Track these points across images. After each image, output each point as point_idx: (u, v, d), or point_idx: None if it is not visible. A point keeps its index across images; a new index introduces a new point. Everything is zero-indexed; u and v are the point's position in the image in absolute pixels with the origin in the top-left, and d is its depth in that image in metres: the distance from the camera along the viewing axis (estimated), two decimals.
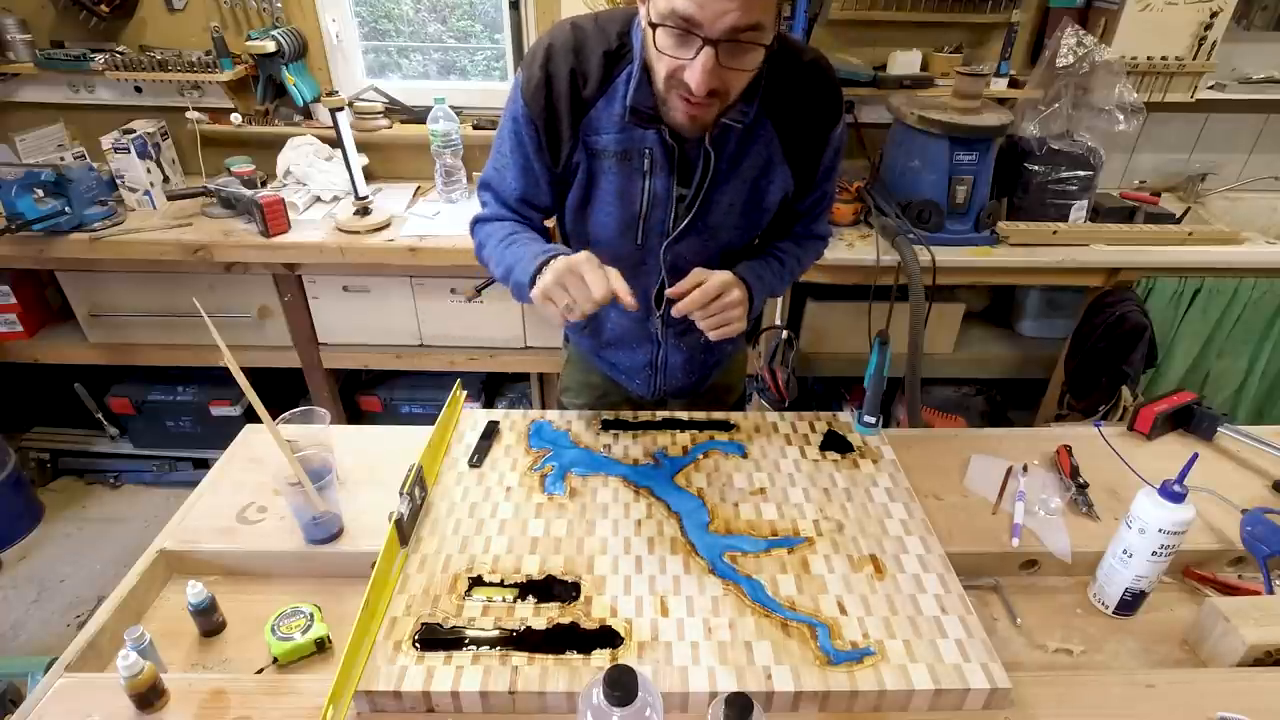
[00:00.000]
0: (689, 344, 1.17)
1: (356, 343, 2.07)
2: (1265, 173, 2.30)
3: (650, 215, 1.01)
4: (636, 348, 1.19)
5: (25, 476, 2.08)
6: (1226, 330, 1.95)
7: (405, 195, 2.12)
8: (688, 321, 0.95)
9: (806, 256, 1.15)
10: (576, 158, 0.98)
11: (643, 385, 1.23)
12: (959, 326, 2.15)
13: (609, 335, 1.20)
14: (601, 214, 1.02)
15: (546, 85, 0.94)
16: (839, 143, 1.03)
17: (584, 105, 0.95)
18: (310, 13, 2.06)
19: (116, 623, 0.84)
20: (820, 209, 1.12)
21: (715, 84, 0.81)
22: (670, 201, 0.99)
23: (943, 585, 0.83)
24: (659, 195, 0.99)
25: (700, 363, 1.22)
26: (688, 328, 1.10)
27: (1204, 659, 0.84)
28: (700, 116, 0.87)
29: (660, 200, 0.99)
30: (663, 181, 0.98)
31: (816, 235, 1.16)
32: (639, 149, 0.96)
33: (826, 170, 1.06)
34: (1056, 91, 1.91)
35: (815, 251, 1.17)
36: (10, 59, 2.02)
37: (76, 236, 1.83)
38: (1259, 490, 1.06)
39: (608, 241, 1.04)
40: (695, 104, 0.84)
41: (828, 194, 1.11)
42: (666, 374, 1.21)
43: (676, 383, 1.22)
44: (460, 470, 1.01)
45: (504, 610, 0.80)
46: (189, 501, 1.01)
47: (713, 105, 0.86)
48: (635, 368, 1.21)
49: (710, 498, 0.96)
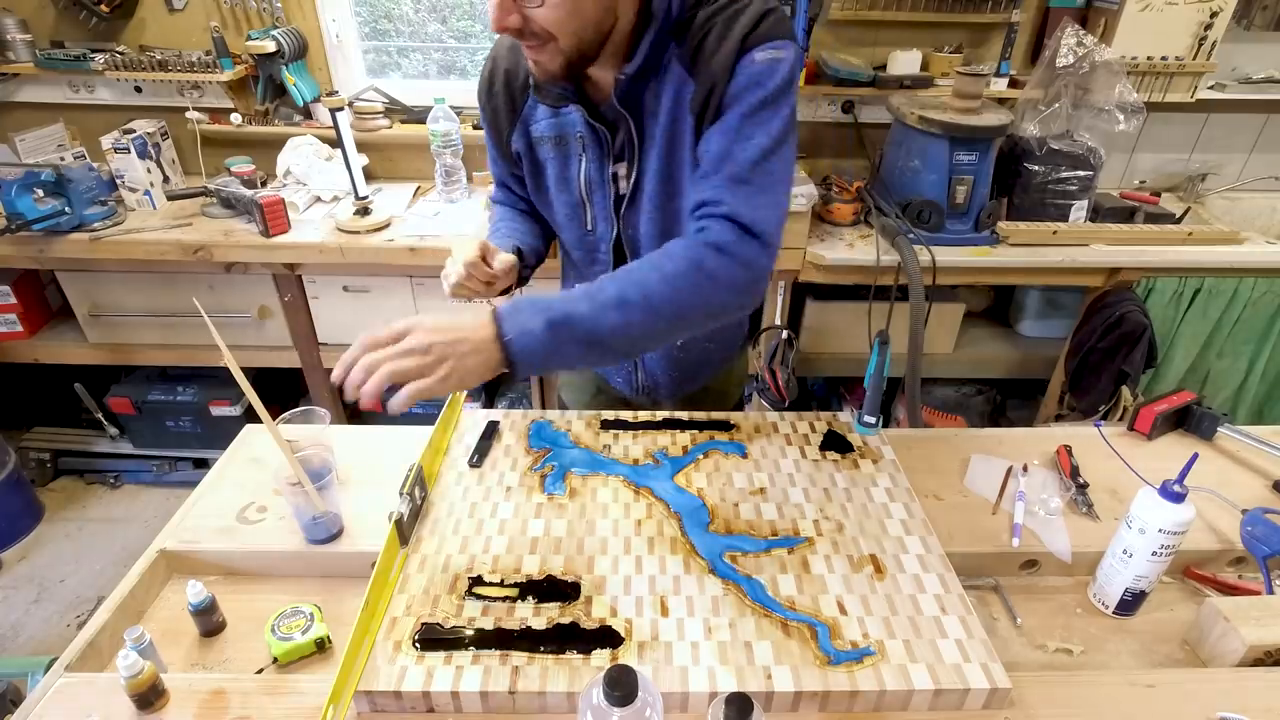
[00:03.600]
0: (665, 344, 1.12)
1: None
2: (1265, 173, 2.30)
3: (592, 198, 1.00)
4: None
5: (25, 476, 2.08)
6: (1226, 330, 1.95)
7: (405, 195, 2.12)
8: None
9: (670, 261, 0.79)
10: (516, 146, 1.01)
11: (624, 383, 1.22)
12: (959, 326, 2.15)
13: None
14: (553, 201, 1.04)
15: (489, 79, 1.00)
16: (754, 76, 0.82)
17: (521, 97, 0.98)
18: (310, 13, 2.06)
19: (116, 623, 0.84)
20: (717, 168, 0.82)
21: (513, 21, 0.78)
22: (606, 181, 0.97)
23: (943, 585, 0.83)
24: (593, 176, 0.98)
25: (677, 360, 1.16)
26: None
27: (1204, 659, 0.84)
28: (542, 63, 0.83)
29: (596, 181, 0.98)
30: (595, 161, 0.97)
31: (702, 217, 0.82)
32: (572, 133, 0.97)
33: (729, 106, 0.82)
34: (1056, 91, 1.91)
35: (691, 255, 0.79)
36: (10, 59, 2.02)
37: (76, 236, 1.83)
38: (1259, 490, 1.06)
39: (564, 228, 1.06)
40: (530, 46, 0.82)
41: (730, 150, 0.82)
42: (645, 370, 1.19)
43: (659, 381, 1.19)
44: (460, 470, 1.01)
45: (504, 610, 0.80)
46: (189, 501, 1.01)
47: (544, 49, 0.81)
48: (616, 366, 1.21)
49: (710, 498, 0.96)
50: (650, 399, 1.23)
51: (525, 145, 1.01)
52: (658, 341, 0.83)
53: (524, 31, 0.80)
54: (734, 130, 0.82)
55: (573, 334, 0.76)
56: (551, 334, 0.75)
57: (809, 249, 1.86)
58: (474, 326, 0.75)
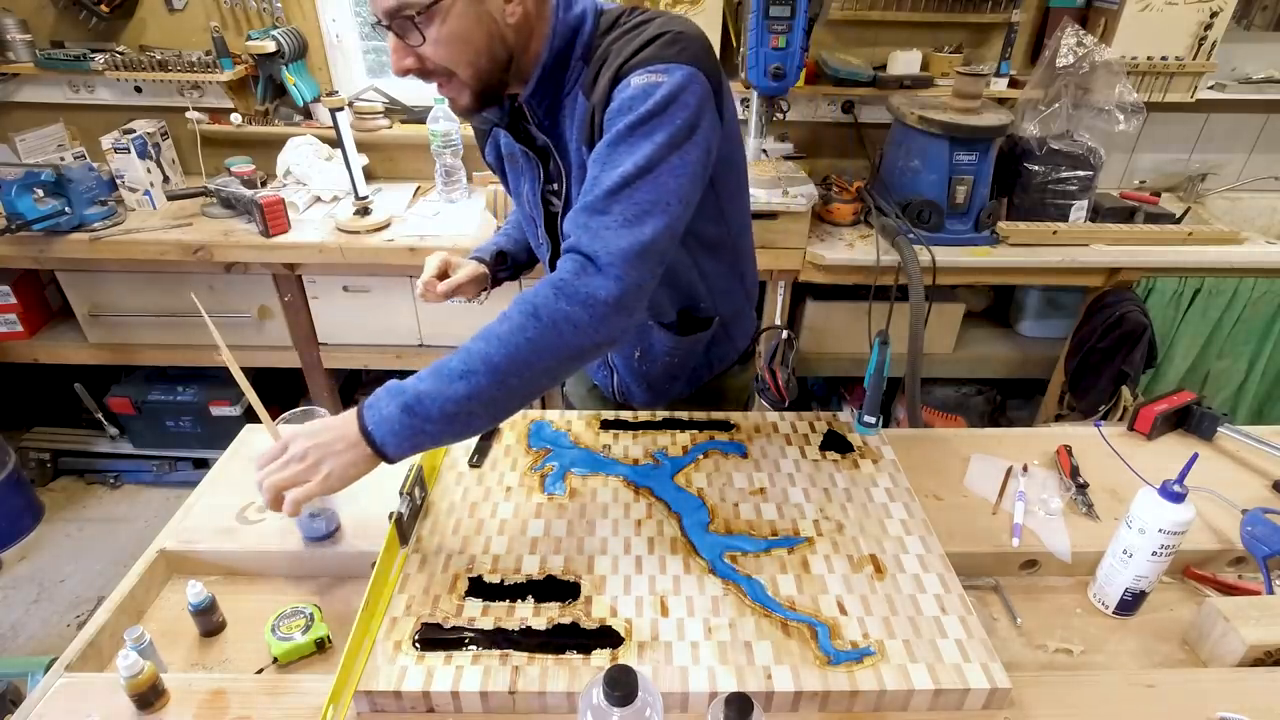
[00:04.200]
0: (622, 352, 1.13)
1: (356, 343, 2.07)
2: (1265, 173, 2.30)
3: (535, 216, 1.04)
4: None
5: (25, 476, 2.08)
6: (1226, 330, 1.95)
7: (405, 195, 2.12)
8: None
9: (504, 321, 0.77)
10: (489, 159, 1.07)
11: (603, 383, 1.23)
12: (959, 326, 2.15)
13: None
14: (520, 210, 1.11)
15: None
16: (626, 102, 0.80)
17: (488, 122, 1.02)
18: (310, 13, 2.06)
19: (116, 623, 0.84)
20: (581, 199, 0.81)
21: (410, 63, 0.82)
22: (538, 201, 1.01)
23: (943, 585, 0.83)
24: (529, 195, 1.02)
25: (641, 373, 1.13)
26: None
27: (1204, 659, 0.84)
28: (454, 99, 0.87)
29: (532, 201, 1.02)
30: (530, 182, 1.00)
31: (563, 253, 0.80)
32: (517, 153, 1.00)
33: (605, 132, 0.81)
34: (1056, 91, 1.91)
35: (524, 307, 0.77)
36: (10, 59, 2.02)
37: (76, 236, 1.83)
38: (1259, 490, 1.06)
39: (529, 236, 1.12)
40: (439, 88, 0.86)
41: (597, 178, 0.80)
42: (619, 376, 1.18)
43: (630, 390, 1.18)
44: (460, 470, 1.01)
45: (504, 610, 0.80)
46: (189, 501, 1.01)
47: (450, 84, 0.85)
48: (594, 364, 1.22)
49: (710, 498, 0.96)
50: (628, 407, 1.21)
51: (496, 159, 1.06)
52: (522, 399, 0.80)
53: (425, 71, 0.84)
54: (602, 158, 0.81)
55: (427, 413, 0.75)
56: (407, 416, 0.75)
57: (809, 249, 1.86)
58: (343, 424, 0.78)
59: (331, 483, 0.77)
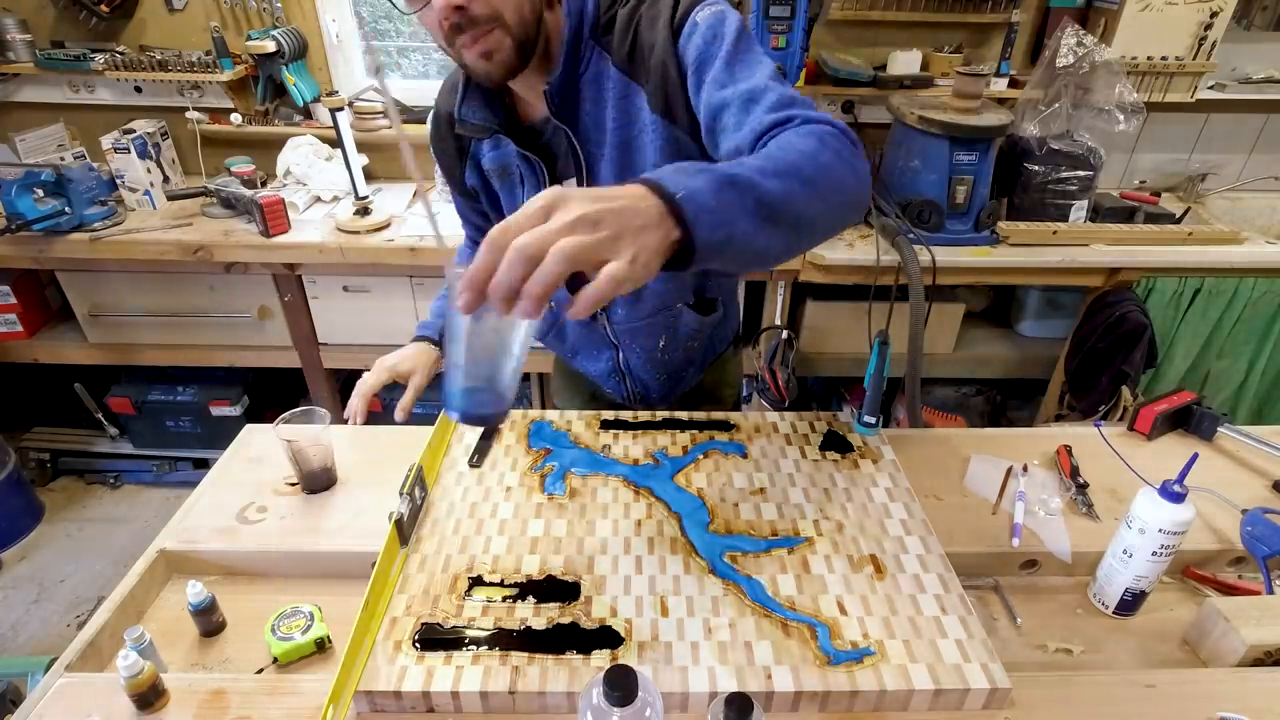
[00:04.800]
0: (645, 346, 1.14)
1: (356, 343, 2.07)
2: (1265, 173, 2.30)
3: None
4: (598, 354, 1.18)
5: (25, 476, 2.08)
6: (1226, 330, 1.95)
7: (405, 195, 2.12)
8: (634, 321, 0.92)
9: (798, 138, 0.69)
10: (471, 181, 1.05)
11: (615, 390, 1.23)
12: (959, 326, 2.15)
13: (572, 341, 1.21)
14: None
15: (436, 124, 1.04)
16: (707, 33, 0.80)
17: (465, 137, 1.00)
18: (310, 13, 2.06)
19: (116, 623, 0.84)
20: (747, 108, 0.75)
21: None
22: None
23: (943, 585, 0.83)
24: None
25: (662, 362, 1.16)
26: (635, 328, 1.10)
27: (1204, 659, 0.84)
28: (492, 50, 0.81)
29: None
30: (534, 188, 0.97)
31: (769, 125, 0.73)
32: (511, 163, 0.98)
33: (705, 69, 0.80)
34: (1056, 91, 1.91)
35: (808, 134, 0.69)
36: (10, 59, 2.02)
37: (76, 236, 1.83)
38: (1259, 490, 1.06)
39: None
40: (475, 38, 0.79)
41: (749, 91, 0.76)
42: (633, 378, 1.19)
43: (649, 386, 1.19)
44: (460, 470, 1.01)
45: (504, 610, 0.80)
46: (189, 501, 1.01)
47: (492, 31, 0.79)
48: (603, 373, 1.21)
49: (710, 498, 0.96)
50: (645, 405, 1.23)
51: (480, 180, 1.04)
52: (806, 233, 0.67)
53: (470, 18, 0.78)
54: (729, 77, 0.77)
55: (741, 199, 0.59)
56: (728, 192, 0.58)
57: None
58: (634, 194, 0.56)
59: (638, 267, 0.53)
